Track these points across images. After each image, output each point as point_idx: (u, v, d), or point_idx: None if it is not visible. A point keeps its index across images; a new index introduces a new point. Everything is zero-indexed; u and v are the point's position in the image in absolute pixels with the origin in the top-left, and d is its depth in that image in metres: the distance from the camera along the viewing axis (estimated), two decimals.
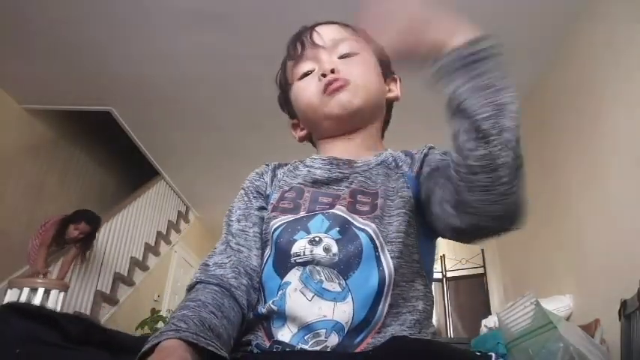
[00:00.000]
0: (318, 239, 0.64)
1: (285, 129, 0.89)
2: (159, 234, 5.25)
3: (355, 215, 0.66)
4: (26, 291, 3.10)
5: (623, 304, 1.72)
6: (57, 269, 3.62)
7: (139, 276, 4.78)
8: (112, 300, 4.23)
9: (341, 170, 0.73)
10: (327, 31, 0.79)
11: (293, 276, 0.63)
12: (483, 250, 4.76)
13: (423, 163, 0.72)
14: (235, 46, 3.06)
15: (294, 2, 2.61)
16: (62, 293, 3.25)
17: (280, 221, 0.68)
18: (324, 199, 0.70)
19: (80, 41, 3.14)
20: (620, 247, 2.11)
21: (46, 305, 3.12)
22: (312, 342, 0.58)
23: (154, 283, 5.11)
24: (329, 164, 0.74)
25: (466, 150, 0.52)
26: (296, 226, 0.66)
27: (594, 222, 2.38)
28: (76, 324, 0.52)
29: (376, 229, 0.64)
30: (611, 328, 1.88)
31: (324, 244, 0.63)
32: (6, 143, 3.87)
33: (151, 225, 5.12)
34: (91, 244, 3.77)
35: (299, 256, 0.63)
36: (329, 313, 0.59)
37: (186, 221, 6.02)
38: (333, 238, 0.64)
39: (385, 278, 0.61)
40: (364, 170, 0.73)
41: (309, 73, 0.78)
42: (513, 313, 2.18)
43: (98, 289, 4.08)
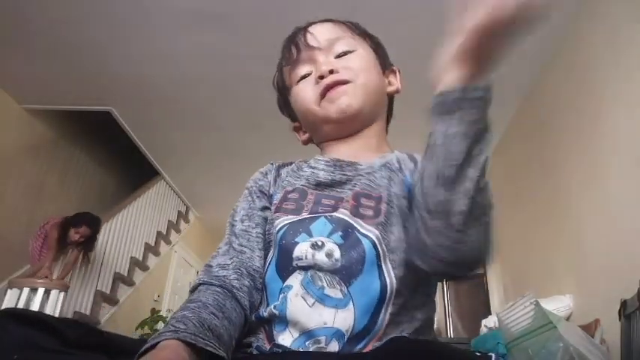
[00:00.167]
0: (320, 243, 0.63)
1: (286, 129, 0.88)
2: (159, 234, 5.25)
3: (359, 220, 0.65)
4: (26, 291, 3.10)
5: (623, 304, 1.72)
6: (57, 269, 3.62)
7: (139, 276, 4.78)
8: (112, 300, 4.23)
9: (344, 172, 0.72)
10: (321, 31, 0.78)
11: (294, 280, 0.62)
12: None
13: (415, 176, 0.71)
14: (235, 46, 3.06)
15: (294, 2, 2.61)
16: (62, 293, 3.25)
17: (283, 222, 0.68)
18: (327, 202, 0.69)
19: (80, 41, 3.14)
20: (620, 247, 2.11)
21: (46, 305, 3.13)
22: (313, 348, 0.58)
23: (154, 283, 5.11)
24: (332, 166, 0.73)
25: (428, 191, 0.55)
26: (298, 228, 0.66)
27: (594, 222, 2.38)
28: (75, 329, 0.52)
29: (379, 236, 0.63)
30: (611, 328, 1.88)
31: (327, 249, 0.62)
32: (6, 143, 3.87)
33: (151, 225, 5.12)
34: (93, 245, 3.78)
35: (301, 259, 0.63)
36: (330, 320, 0.59)
37: (186, 221, 6.02)
38: (335, 243, 0.63)
39: (387, 287, 0.60)
40: (368, 173, 0.72)
41: (307, 76, 0.77)
42: (513, 313, 2.18)
43: (98, 289, 4.08)
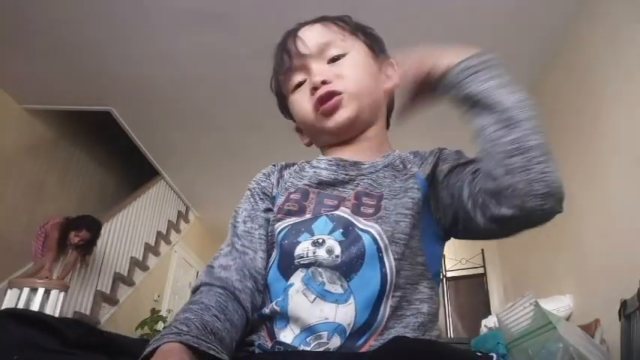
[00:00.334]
0: (321, 241, 0.63)
1: (286, 129, 0.89)
2: (159, 234, 5.25)
3: (359, 217, 0.65)
4: (26, 291, 3.10)
5: (623, 304, 1.72)
6: (57, 270, 3.62)
7: (139, 276, 4.78)
8: (112, 300, 4.23)
9: (347, 172, 0.72)
10: (311, 36, 0.77)
11: (296, 278, 0.62)
12: (483, 250, 4.76)
13: (437, 165, 0.71)
14: (235, 46, 3.06)
15: (294, 2, 2.61)
16: (62, 293, 3.25)
17: (285, 224, 0.68)
18: (329, 202, 0.69)
19: (80, 41, 3.14)
20: (620, 247, 2.11)
21: (46, 305, 3.13)
22: (314, 344, 0.58)
23: (154, 283, 5.11)
24: (335, 165, 0.73)
25: (496, 139, 0.57)
26: (300, 227, 0.66)
27: (594, 222, 2.38)
28: (75, 328, 0.51)
29: (380, 230, 0.63)
30: (611, 328, 1.88)
31: (327, 246, 0.63)
32: (6, 143, 3.87)
33: (151, 225, 5.12)
34: (92, 249, 3.79)
35: (302, 257, 0.63)
36: (331, 315, 0.59)
37: (186, 221, 6.02)
38: (336, 240, 0.63)
39: (387, 278, 0.60)
40: (371, 172, 0.72)
41: (301, 84, 0.77)
42: (513, 314, 2.18)
43: (98, 289, 4.08)
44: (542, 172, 0.54)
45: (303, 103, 0.76)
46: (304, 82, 0.76)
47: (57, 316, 3.10)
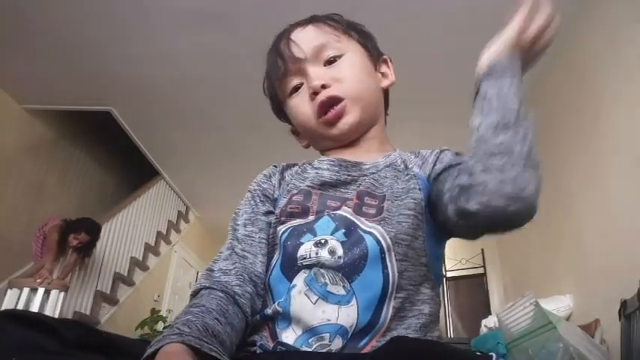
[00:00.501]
0: (323, 241, 0.63)
1: (286, 129, 0.88)
2: (159, 234, 5.25)
3: (361, 218, 0.65)
4: (26, 291, 3.11)
5: (623, 304, 1.72)
6: (57, 270, 3.62)
7: (139, 276, 4.78)
8: (112, 300, 4.23)
9: (349, 173, 0.72)
10: (304, 39, 0.75)
11: (299, 279, 0.62)
12: (483, 250, 4.76)
13: (436, 165, 0.71)
14: (235, 46, 3.06)
15: (294, 2, 2.61)
16: (62, 293, 3.25)
17: (288, 226, 0.67)
18: (332, 203, 0.69)
19: (80, 41, 3.14)
20: (620, 247, 2.11)
21: (46, 305, 3.13)
22: (316, 345, 0.58)
23: (154, 283, 5.11)
24: (337, 166, 0.73)
25: (487, 139, 0.57)
26: (302, 228, 0.66)
27: (594, 222, 2.38)
28: (74, 329, 0.51)
29: (383, 231, 0.63)
30: (611, 328, 1.88)
31: (330, 247, 0.62)
32: (6, 143, 3.87)
33: (151, 225, 5.12)
34: (91, 251, 3.79)
35: (305, 258, 0.63)
36: (333, 317, 0.58)
37: (186, 221, 6.01)
38: (338, 240, 0.63)
39: (389, 280, 0.60)
40: (372, 172, 0.71)
41: (298, 87, 0.76)
42: (513, 314, 2.18)
43: (98, 289, 4.08)
44: (517, 176, 0.54)
45: (302, 107, 0.75)
46: (301, 85, 0.76)
47: (57, 316, 3.11)
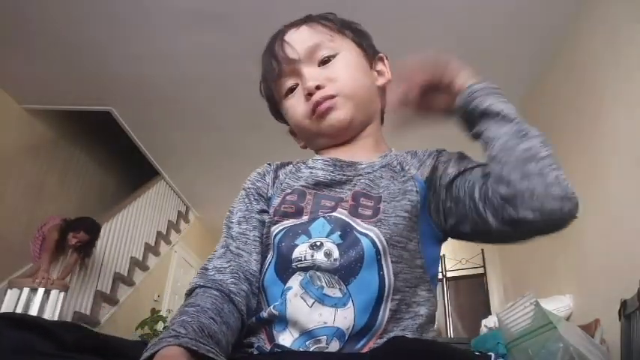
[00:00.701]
0: (319, 244, 0.62)
1: (285, 129, 0.88)
2: (159, 234, 5.25)
3: (357, 219, 0.64)
4: (26, 291, 3.11)
5: (623, 304, 1.72)
6: (57, 270, 3.62)
7: (139, 276, 4.78)
8: (112, 300, 4.23)
9: (344, 172, 0.71)
10: (298, 39, 0.75)
11: (294, 281, 0.62)
12: (483, 250, 4.76)
13: (437, 168, 0.70)
14: (235, 46, 3.06)
15: (294, 2, 2.61)
16: (62, 293, 3.25)
17: (282, 226, 0.67)
18: (326, 203, 0.68)
19: (80, 41, 3.14)
20: (620, 247, 2.11)
21: (46, 305, 3.13)
22: (314, 348, 0.58)
23: (154, 283, 5.11)
24: (332, 165, 0.72)
25: (511, 147, 0.60)
26: (297, 230, 0.65)
27: (594, 222, 2.38)
28: (72, 332, 0.51)
29: (379, 233, 0.62)
30: (611, 328, 1.88)
31: (325, 249, 0.62)
32: (6, 143, 3.87)
33: (151, 225, 5.12)
34: (91, 251, 3.78)
35: (300, 261, 0.62)
36: (330, 319, 0.58)
37: (186, 221, 6.02)
38: (334, 243, 0.62)
39: (385, 282, 0.60)
40: (368, 173, 0.71)
41: (293, 88, 0.76)
42: (513, 314, 2.18)
43: (98, 289, 4.08)
44: (558, 177, 0.57)
45: (297, 108, 0.75)
46: (296, 86, 0.76)
47: (57, 316, 3.11)
